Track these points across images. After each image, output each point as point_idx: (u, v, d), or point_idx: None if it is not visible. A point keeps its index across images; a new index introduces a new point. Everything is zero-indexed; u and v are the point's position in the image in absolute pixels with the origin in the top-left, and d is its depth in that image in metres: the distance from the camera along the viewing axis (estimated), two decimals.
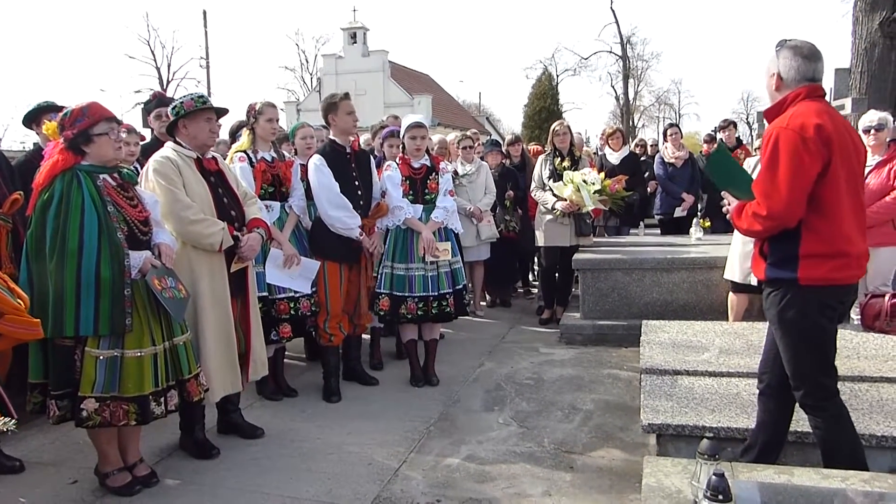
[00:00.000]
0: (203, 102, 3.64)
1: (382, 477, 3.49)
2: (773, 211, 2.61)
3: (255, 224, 3.82)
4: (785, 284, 2.69)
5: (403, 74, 39.27)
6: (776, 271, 2.72)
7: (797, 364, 2.74)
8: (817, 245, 2.62)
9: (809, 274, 2.63)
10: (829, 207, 2.62)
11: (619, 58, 44.56)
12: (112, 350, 3.07)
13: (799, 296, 2.66)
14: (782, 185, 2.58)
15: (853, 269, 2.69)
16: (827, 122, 2.60)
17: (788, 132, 2.59)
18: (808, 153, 2.56)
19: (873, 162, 4.96)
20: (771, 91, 2.80)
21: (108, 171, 3.21)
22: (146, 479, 3.38)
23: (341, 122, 4.57)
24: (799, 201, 2.59)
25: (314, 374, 5.08)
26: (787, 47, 2.74)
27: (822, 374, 2.74)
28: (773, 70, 2.76)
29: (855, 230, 2.69)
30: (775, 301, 2.73)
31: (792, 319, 2.69)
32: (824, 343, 2.73)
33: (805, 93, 2.69)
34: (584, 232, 6.55)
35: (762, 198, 2.64)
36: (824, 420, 2.75)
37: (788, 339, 2.73)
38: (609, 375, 5.07)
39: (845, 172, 2.64)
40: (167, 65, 41.67)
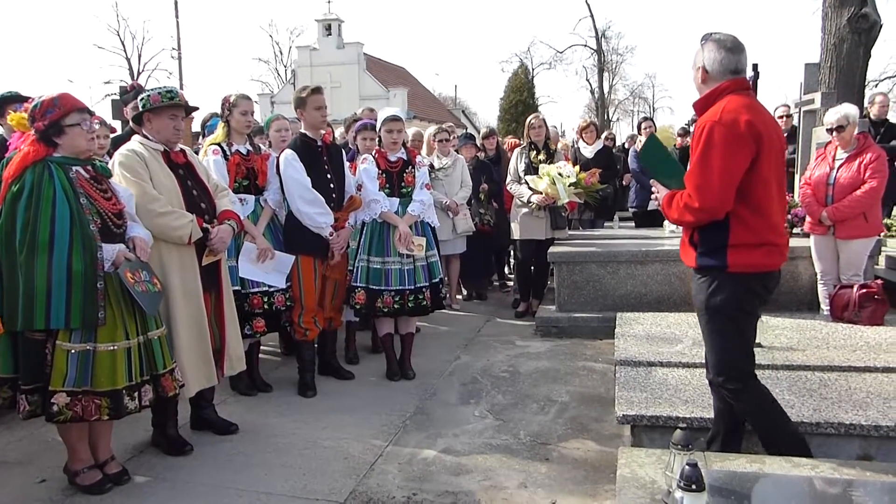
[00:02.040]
0: (171, 98, 3.57)
1: (358, 471, 3.48)
2: (704, 203, 2.70)
3: (226, 216, 3.76)
4: (714, 272, 2.79)
5: (379, 67, 39.02)
6: (706, 259, 2.81)
7: (722, 350, 2.84)
8: (746, 235, 2.72)
9: (738, 261, 2.73)
10: (757, 199, 2.72)
11: (594, 52, 44.77)
12: (84, 343, 3.02)
13: (727, 283, 2.76)
14: (714, 179, 2.67)
15: (777, 257, 2.80)
16: (756, 117, 2.70)
17: (721, 127, 2.67)
18: (739, 147, 2.65)
19: (843, 156, 5.05)
20: (698, 84, 2.87)
21: (81, 163, 3.15)
22: (117, 476, 3.33)
23: (309, 116, 4.53)
24: (729, 194, 2.68)
25: (289, 369, 5.05)
26: (711, 40, 2.81)
27: (743, 359, 2.86)
28: (699, 63, 2.83)
29: (779, 220, 2.82)
30: (703, 287, 2.83)
31: (719, 305, 2.78)
32: (747, 329, 2.85)
33: (732, 86, 2.77)
34: (560, 225, 6.59)
35: (694, 190, 2.73)
36: (750, 403, 2.86)
37: (714, 324, 2.84)
38: (584, 367, 5.11)
39: (772, 166, 2.74)
40: (138, 55, 40.95)
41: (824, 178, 5.09)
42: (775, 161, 2.76)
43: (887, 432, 3.03)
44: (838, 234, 5.01)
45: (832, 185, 5.04)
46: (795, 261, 5.69)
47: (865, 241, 5.07)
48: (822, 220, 5.05)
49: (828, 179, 5.08)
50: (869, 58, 8.78)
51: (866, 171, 4.89)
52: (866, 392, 3.44)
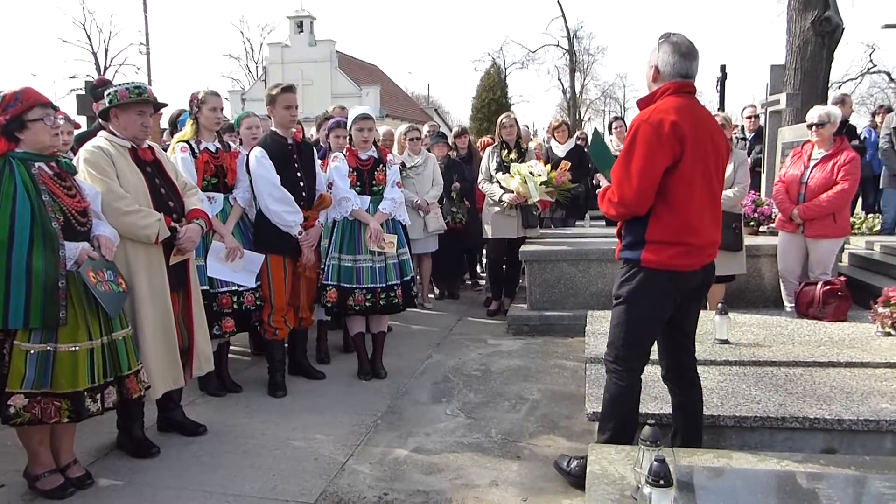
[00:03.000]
0: (139, 94, 3.50)
1: (329, 471, 3.45)
2: (623, 198, 2.80)
3: (195, 215, 3.71)
4: (631, 264, 2.89)
5: (351, 65, 38.81)
6: (626, 252, 2.93)
7: (617, 332, 2.96)
8: (661, 233, 2.80)
9: (651, 257, 2.81)
10: (676, 199, 2.77)
11: (566, 52, 45.04)
12: (44, 344, 2.95)
13: (638, 276, 2.86)
14: (634, 176, 2.75)
15: (693, 258, 2.85)
16: (685, 118, 2.74)
17: (646, 126, 2.74)
18: (660, 147, 2.71)
19: (818, 156, 5.14)
20: (648, 81, 2.93)
21: (44, 160, 3.08)
22: (80, 480, 3.26)
23: (279, 115, 4.51)
24: (647, 192, 2.75)
25: (259, 369, 5.00)
26: (668, 42, 2.87)
27: (632, 349, 2.94)
28: (653, 62, 2.89)
29: (702, 222, 2.84)
30: (619, 276, 2.97)
31: (627, 293, 2.90)
32: (647, 323, 2.91)
33: (673, 88, 2.83)
34: (531, 223, 6.61)
35: (616, 186, 2.83)
36: (616, 387, 2.97)
37: (619, 308, 2.95)
38: (555, 365, 5.13)
39: (700, 167, 2.79)
40: (104, 50, 40.31)
41: (798, 177, 5.17)
42: (702, 163, 2.81)
43: (850, 426, 3.10)
44: (807, 232, 5.10)
45: (805, 185, 5.12)
46: (759, 259, 5.79)
47: (834, 241, 5.17)
48: (792, 217, 5.13)
49: (801, 178, 5.16)
50: (832, 60, 8.98)
51: (839, 172, 4.97)
52: (830, 387, 3.51)
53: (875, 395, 3.38)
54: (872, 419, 3.09)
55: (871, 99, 33.14)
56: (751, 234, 6.17)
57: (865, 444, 3.09)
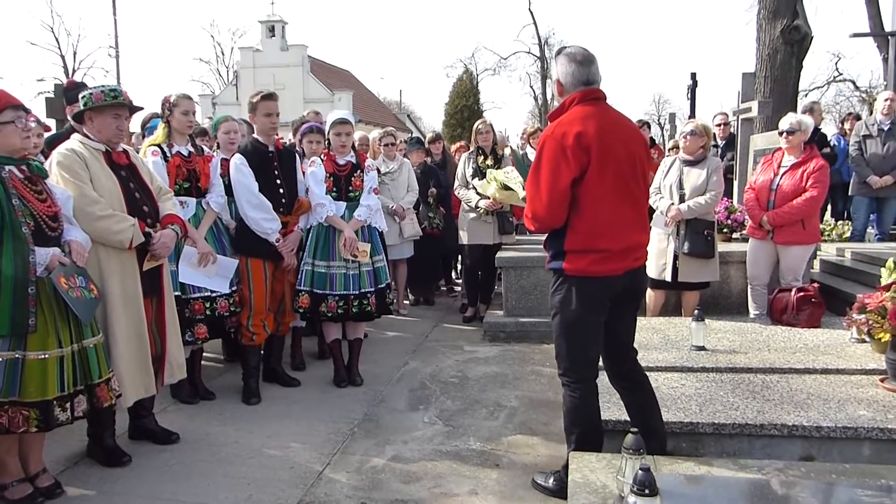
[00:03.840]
0: (114, 97, 3.44)
1: (305, 480, 3.40)
2: (536, 214, 2.87)
3: (170, 220, 3.64)
4: (557, 273, 2.94)
5: (323, 70, 38.67)
6: (552, 263, 2.97)
7: (559, 344, 3.01)
8: (578, 241, 2.86)
9: (572, 266, 2.87)
10: (585, 208, 2.82)
11: (538, 58, 45.40)
12: (12, 352, 2.87)
13: (565, 285, 2.92)
14: (542, 191, 2.81)
15: (614, 263, 2.88)
16: (590, 127, 2.78)
17: (551, 140, 2.80)
18: (565, 160, 2.76)
19: (788, 163, 5.21)
20: (557, 96, 2.99)
21: (14, 163, 3.00)
22: (49, 490, 3.17)
23: (259, 122, 4.55)
24: (558, 205, 2.81)
25: (233, 376, 4.92)
26: (563, 55, 2.94)
27: (578, 359, 2.98)
28: (555, 77, 2.96)
29: (618, 227, 2.87)
30: (550, 287, 3.02)
31: (558, 303, 2.95)
32: (582, 330, 2.95)
33: (580, 97, 2.87)
34: (507, 230, 6.61)
35: (528, 201, 2.90)
36: (571, 399, 3.00)
37: (555, 320, 2.99)
38: (532, 372, 5.13)
39: (611, 173, 2.83)
40: (73, 53, 39.65)
41: (768, 184, 5.24)
42: (614, 168, 2.83)
43: (828, 433, 3.12)
44: (777, 239, 5.17)
45: (775, 191, 5.17)
46: (728, 265, 5.85)
47: (804, 248, 5.24)
48: (762, 224, 5.20)
49: (771, 185, 5.22)
50: (801, 68, 9.15)
51: (808, 179, 5.04)
52: (807, 393, 3.55)
53: (852, 401, 3.42)
54: (850, 426, 3.11)
55: (836, 107, 33.89)
56: (724, 240, 6.25)
57: (843, 452, 3.12)
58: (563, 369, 3.00)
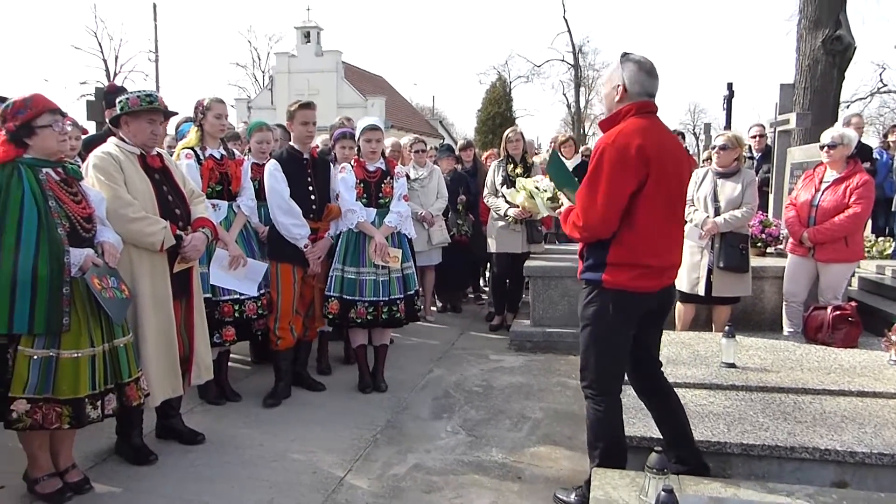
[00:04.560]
0: (150, 102, 3.51)
1: (327, 486, 3.41)
2: (588, 223, 2.79)
3: (201, 223, 3.69)
4: (593, 285, 2.89)
5: (357, 75, 38.93)
6: (588, 273, 2.92)
7: (587, 356, 2.96)
8: (622, 255, 2.80)
9: (612, 279, 2.82)
10: (638, 222, 2.77)
11: (571, 66, 45.23)
12: (47, 350, 2.93)
13: (600, 296, 2.87)
14: (599, 201, 2.73)
15: (653, 280, 2.85)
16: (650, 141, 2.74)
17: (611, 149, 2.72)
18: (625, 172, 2.71)
19: (830, 178, 5.09)
20: (611, 101, 2.90)
21: (51, 165, 3.08)
22: (78, 485, 3.24)
23: (296, 130, 4.63)
24: (613, 217, 2.75)
25: (259, 379, 4.96)
26: (632, 61, 2.86)
27: (604, 371, 2.94)
28: (618, 82, 2.86)
29: (663, 245, 2.86)
30: (582, 297, 2.97)
31: (590, 316, 2.91)
32: (613, 344, 2.92)
33: (637, 108, 2.82)
34: (536, 239, 6.58)
35: (581, 210, 2.82)
36: (595, 413, 2.96)
37: (585, 332, 2.95)
38: (558, 383, 5.09)
39: (664, 190, 2.79)
40: (115, 57, 40.51)
41: (809, 200, 5.12)
42: (666, 185, 2.80)
43: (863, 459, 3.01)
44: (818, 256, 5.05)
45: (816, 207, 5.05)
46: (762, 281, 5.74)
47: (846, 266, 5.09)
48: (802, 240, 5.09)
49: (812, 201, 5.10)
50: (843, 79, 8.95)
51: (851, 195, 4.91)
52: (841, 416, 3.44)
53: (889, 426, 3.30)
54: (887, 453, 3.00)
55: (880, 119, 33.03)
56: (758, 255, 6.13)
57: (879, 479, 3.01)
58: (588, 381, 2.97)
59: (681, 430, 3.04)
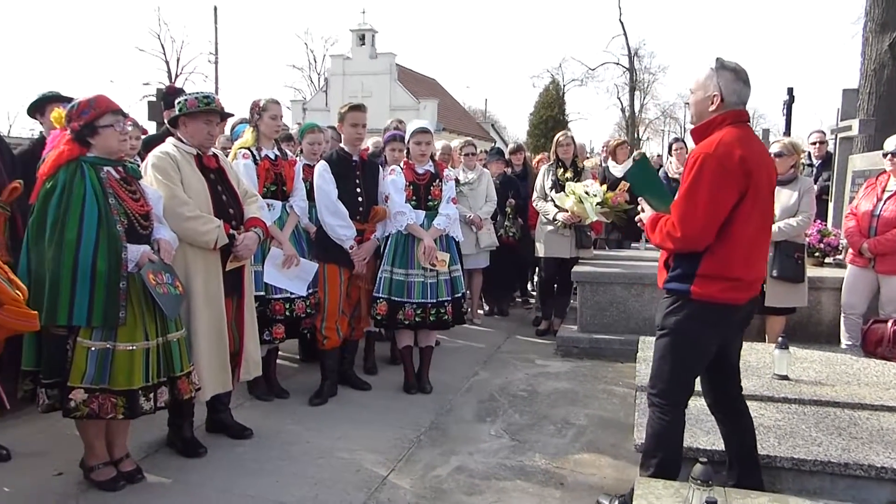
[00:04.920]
0: (207, 104, 3.61)
1: (370, 485, 3.45)
2: (686, 235, 2.69)
3: (253, 223, 3.78)
4: (678, 295, 2.80)
5: (410, 78, 39.21)
6: (674, 283, 2.82)
7: (661, 364, 2.87)
8: (714, 267, 2.71)
9: (701, 290, 2.72)
10: (734, 234, 2.69)
11: (626, 70, 44.63)
12: (104, 342, 3.04)
13: (686, 307, 2.77)
14: (700, 212, 2.65)
15: (742, 292, 2.78)
16: (749, 151, 2.66)
17: (714, 160, 2.63)
18: (728, 183, 2.63)
19: (894, 188, 4.91)
20: (704, 109, 2.81)
21: (112, 164, 3.20)
22: (131, 474, 3.35)
23: (345, 132, 4.71)
24: (712, 229, 2.67)
25: (307, 377, 5.04)
26: (728, 69, 2.77)
27: (678, 383, 2.86)
28: (714, 91, 2.77)
29: (754, 256, 2.78)
30: (663, 306, 2.87)
31: (673, 325, 2.81)
32: (693, 355, 2.83)
33: (732, 117, 2.74)
34: (585, 244, 6.51)
35: (679, 221, 2.71)
36: (660, 422, 2.88)
37: (663, 340, 2.86)
38: (604, 390, 5.03)
39: (760, 202, 2.71)
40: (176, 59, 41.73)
41: (871, 210, 4.95)
42: (762, 197, 2.73)
43: None
44: (878, 267, 4.87)
45: (877, 217, 4.89)
46: (819, 292, 5.56)
47: None
48: (862, 251, 4.92)
49: (874, 211, 4.93)
50: None
51: None
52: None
53: None
54: None
55: None
56: (815, 265, 5.95)
57: None
58: (659, 390, 2.88)
59: (747, 452, 2.95)
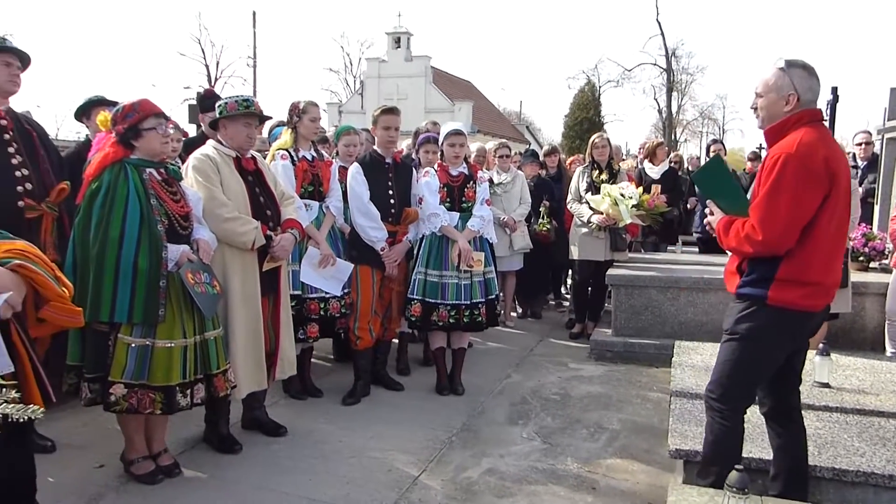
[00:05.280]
0: (246, 106, 3.68)
1: (401, 485, 3.46)
2: (768, 238, 2.58)
3: (290, 225, 3.84)
4: (753, 300, 2.70)
5: (445, 80, 39.32)
6: (748, 289, 2.72)
7: (727, 368, 2.77)
8: (794, 271, 2.62)
9: (779, 296, 2.63)
10: (815, 238, 2.60)
11: (664, 70, 44.09)
12: (144, 339, 3.12)
13: (761, 314, 2.68)
14: (783, 215, 2.56)
15: (821, 298, 2.69)
16: (831, 152, 2.59)
17: (796, 160, 2.54)
18: (812, 185, 2.54)
19: None
20: (778, 109, 2.70)
21: (154, 166, 3.28)
22: (169, 469, 3.43)
23: (378, 135, 4.75)
24: (795, 232, 2.58)
25: (340, 376, 5.09)
26: (799, 66, 2.69)
27: (742, 388, 2.77)
28: (789, 90, 2.67)
29: (833, 261, 2.69)
30: (735, 311, 2.77)
31: (745, 331, 2.71)
32: (764, 362, 2.74)
33: (808, 116, 2.66)
34: (620, 247, 6.46)
35: (759, 223, 2.61)
36: (721, 428, 2.78)
37: (731, 348, 2.76)
38: (638, 395, 4.97)
39: (841, 204, 2.64)
40: (216, 63, 42.38)
41: None
42: (843, 198, 2.65)
43: None
44: None
45: None
46: (863, 297, 5.41)
47: None
48: None
49: None
50: None
51: None
52: None
53: None
54: None
55: None
56: (859, 269, 5.80)
57: None
58: (719, 395, 2.78)
59: (797, 465, 2.86)
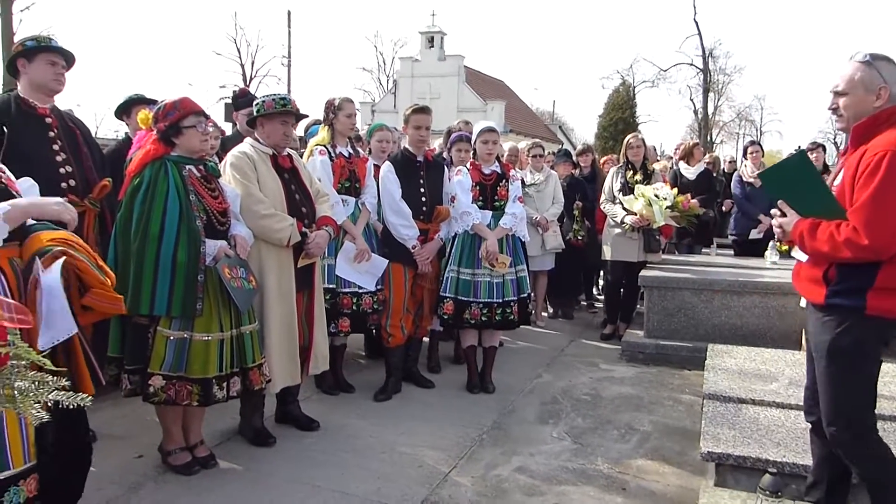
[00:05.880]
0: (283, 105, 3.74)
1: (431, 480, 3.50)
2: (875, 241, 2.37)
3: (324, 222, 3.89)
4: (847, 312, 2.50)
5: (478, 79, 39.30)
6: (841, 299, 2.51)
7: (839, 397, 2.56)
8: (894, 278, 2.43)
9: (879, 305, 2.44)
10: None
11: (700, 71, 43.47)
12: (182, 332, 3.20)
13: (859, 326, 2.48)
14: (891, 216, 2.37)
15: None
16: None
17: None
18: None
19: None
20: (867, 105, 2.56)
21: (194, 163, 3.36)
22: (205, 460, 3.50)
23: (410, 134, 4.79)
24: None
25: (372, 373, 5.14)
26: (885, 60, 2.55)
27: (864, 409, 2.58)
28: (878, 83, 2.53)
29: None
30: (830, 327, 2.54)
31: (846, 349, 2.50)
32: (873, 376, 2.60)
33: None
34: (653, 248, 6.41)
35: (863, 226, 2.40)
36: (873, 453, 2.57)
37: (835, 369, 2.55)
38: (670, 397, 4.94)
39: None
40: (251, 62, 42.92)
41: None
42: None
43: None
44: None
45: None
46: None
47: None
48: None
49: None
50: None
51: None
52: None
53: None
54: None
55: None
56: None
57: None
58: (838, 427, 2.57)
59: (839, 476, 2.78)
